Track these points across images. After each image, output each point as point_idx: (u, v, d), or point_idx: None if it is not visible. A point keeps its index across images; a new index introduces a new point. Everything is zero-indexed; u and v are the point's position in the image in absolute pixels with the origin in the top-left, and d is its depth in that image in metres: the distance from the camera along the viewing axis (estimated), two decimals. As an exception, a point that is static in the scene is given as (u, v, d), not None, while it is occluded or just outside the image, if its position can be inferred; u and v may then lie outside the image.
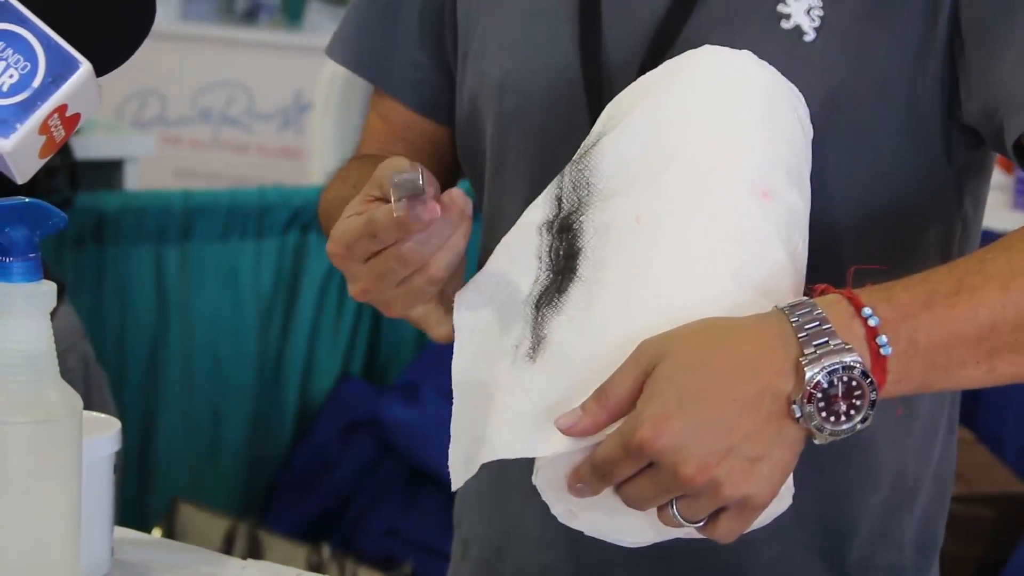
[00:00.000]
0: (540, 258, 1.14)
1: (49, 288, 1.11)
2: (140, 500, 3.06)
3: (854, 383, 1.00)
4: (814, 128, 1.18)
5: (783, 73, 1.18)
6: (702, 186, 1.09)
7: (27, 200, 1.06)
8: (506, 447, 1.06)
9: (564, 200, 1.14)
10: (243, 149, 4.73)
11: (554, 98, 1.27)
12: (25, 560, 1.23)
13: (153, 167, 4.08)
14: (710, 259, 1.07)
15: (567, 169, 1.15)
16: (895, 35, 1.19)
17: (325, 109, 3.69)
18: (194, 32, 5.31)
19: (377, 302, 1.15)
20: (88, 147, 3.26)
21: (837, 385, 0.99)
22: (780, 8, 1.19)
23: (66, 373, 1.23)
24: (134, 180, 3.68)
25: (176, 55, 4.99)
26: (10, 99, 0.95)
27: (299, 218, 3.17)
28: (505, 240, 1.17)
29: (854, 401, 1.00)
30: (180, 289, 3.09)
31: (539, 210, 1.15)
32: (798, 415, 0.99)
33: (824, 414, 1.00)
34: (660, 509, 1.01)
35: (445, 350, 2.61)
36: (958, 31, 1.18)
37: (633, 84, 1.17)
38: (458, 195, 1.08)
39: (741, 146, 1.11)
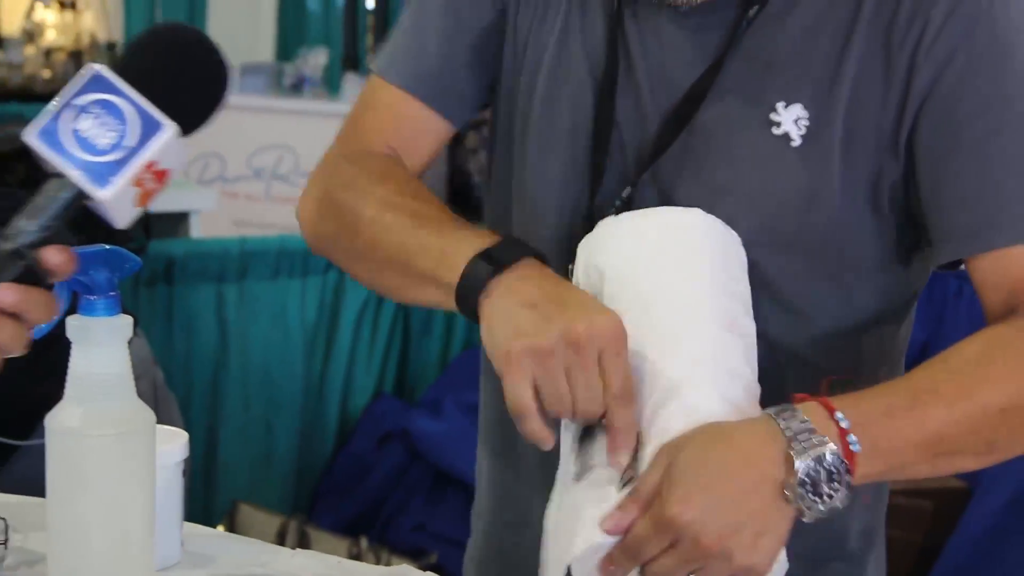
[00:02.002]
0: None
1: (127, 321, 1.10)
2: (206, 502, 3.05)
3: (833, 470, 1.02)
4: (796, 224, 1.19)
5: (773, 172, 1.19)
6: (685, 324, 1.10)
7: (108, 247, 1.07)
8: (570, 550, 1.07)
9: None
10: (291, 202, 4.67)
11: (563, 174, 1.25)
12: (107, 550, 1.22)
13: (214, 218, 4.08)
14: (702, 383, 1.08)
15: None
16: (866, 148, 1.19)
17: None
18: (248, 103, 5.31)
19: None
20: (159, 201, 3.22)
21: (820, 472, 1.02)
22: (772, 116, 1.19)
23: (139, 396, 1.24)
24: (198, 229, 3.69)
25: (233, 122, 4.99)
26: (107, 157, 0.94)
27: (339, 259, 3.16)
28: None
29: (835, 485, 1.02)
30: (238, 321, 3.09)
31: None
32: (790, 497, 1.02)
33: (812, 496, 1.02)
34: None
35: (465, 369, 2.58)
36: (912, 151, 1.18)
37: (603, 230, 1.17)
38: None
39: (709, 289, 1.12)
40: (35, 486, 1.32)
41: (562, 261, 1.22)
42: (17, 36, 6.27)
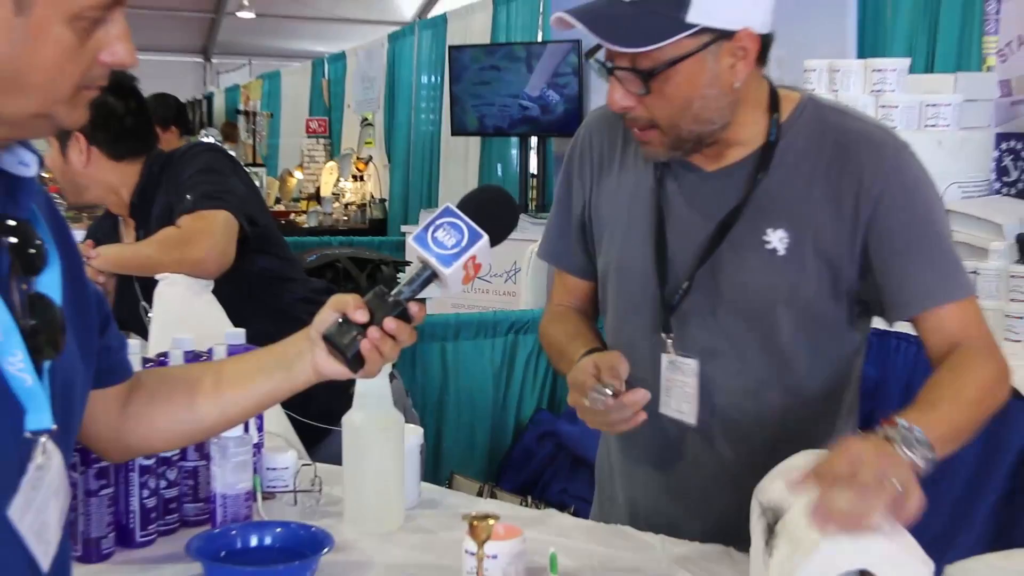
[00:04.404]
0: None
1: (387, 368, 1.13)
2: (434, 472, 3.00)
3: (924, 447, 0.97)
4: (786, 305, 1.16)
5: (765, 275, 1.17)
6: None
7: None
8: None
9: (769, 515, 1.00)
10: (486, 292, 4.66)
11: (643, 280, 1.26)
12: (376, 496, 1.26)
13: (440, 302, 4.07)
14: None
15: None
16: (830, 257, 1.18)
17: (528, 271, 3.68)
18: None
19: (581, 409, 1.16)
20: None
21: (916, 448, 0.97)
22: (764, 238, 1.18)
23: (395, 407, 1.27)
24: (430, 309, 3.71)
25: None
26: (452, 250, 1.00)
27: (514, 327, 3.12)
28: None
29: (925, 454, 0.96)
30: (454, 365, 3.06)
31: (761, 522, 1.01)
32: (908, 460, 0.96)
33: (917, 459, 0.96)
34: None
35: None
36: (867, 256, 1.17)
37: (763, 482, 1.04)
38: (636, 398, 1.11)
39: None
40: (336, 459, 1.35)
41: (648, 328, 1.23)
42: (329, 196, 6.58)
